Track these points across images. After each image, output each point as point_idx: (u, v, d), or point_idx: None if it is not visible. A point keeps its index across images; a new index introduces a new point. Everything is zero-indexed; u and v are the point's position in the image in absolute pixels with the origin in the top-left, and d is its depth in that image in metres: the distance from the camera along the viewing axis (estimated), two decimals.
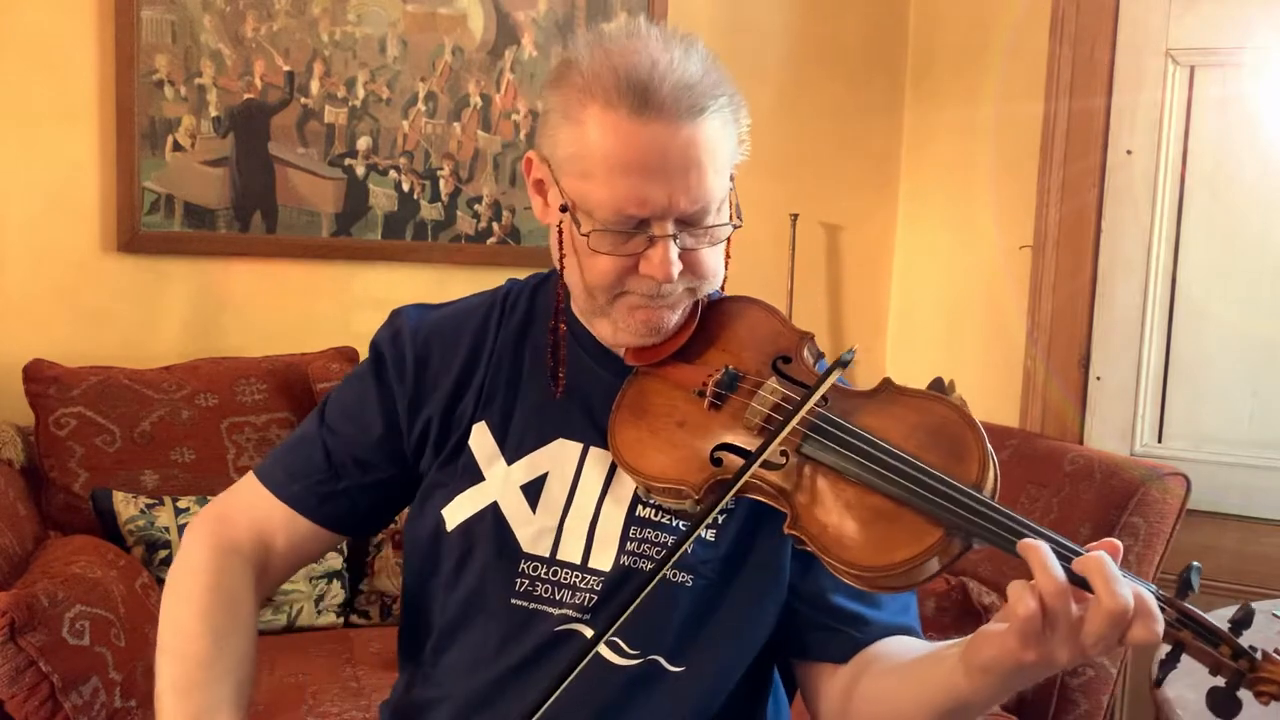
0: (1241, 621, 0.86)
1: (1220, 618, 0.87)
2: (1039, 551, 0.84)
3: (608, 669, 1.08)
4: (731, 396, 1.05)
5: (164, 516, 2.33)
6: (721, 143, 1.03)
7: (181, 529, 2.32)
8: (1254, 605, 0.88)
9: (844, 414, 1.00)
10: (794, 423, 0.99)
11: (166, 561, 2.30)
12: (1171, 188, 2.58)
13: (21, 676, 1.74)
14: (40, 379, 2.43)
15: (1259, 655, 0.84)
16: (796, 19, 3.22)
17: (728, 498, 0.98)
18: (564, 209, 1.05)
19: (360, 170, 2.87)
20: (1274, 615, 1.85)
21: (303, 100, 2.81)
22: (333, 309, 2.88)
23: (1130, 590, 0.82)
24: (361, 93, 2.85)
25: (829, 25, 3.24)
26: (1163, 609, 0.84)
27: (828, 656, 1.11)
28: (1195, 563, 0.87)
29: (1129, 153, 2.60)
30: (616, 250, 1.03)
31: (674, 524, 1.10)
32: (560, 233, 1.08)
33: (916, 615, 1.15)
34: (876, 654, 1.08)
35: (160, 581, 2.24)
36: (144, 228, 2.71)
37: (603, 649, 1.07)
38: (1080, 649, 0.84)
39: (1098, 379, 2.67)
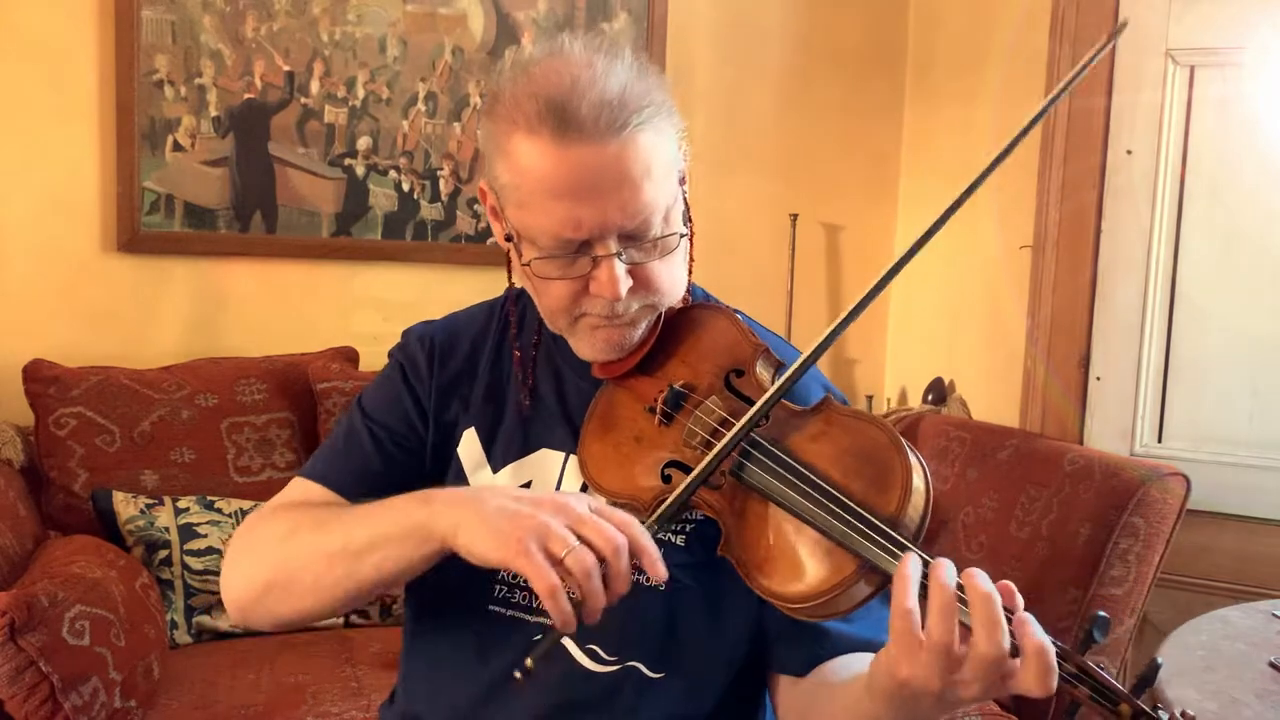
0: (1146, 679, 0.83)
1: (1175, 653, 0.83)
2: (933, 570, 0.84)
3: (587, 676, 1.08)
4: (678, 415, 1.05)
5: (164, 516, 2.33)
6: (655, 153, 1.01)
7: (181, 529, 2.32)
8: (1161, 662, 0.84)
9: (779, 435, 0.99)
10: (718, 453, 0.97)
11: (166, 561, 2.30)
12: (1171, 188, 2.58)
13: (21, 676, 1.74)
14: (40, 379, 2.43)
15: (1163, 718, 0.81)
16: (796, 19, 3.22)
17: (659, 518, 0.96)
18: (508, 239, 1.06)
19: (360, 170, 2.87)
20: (1274, 615, 1.85)
21: (303, 100, 2.81)
22: (333, 309, 2.88)
23: (1008, 637, 0.81)
24: (361, 93, 2.85)
25: (829, 25, 3.24)
26: (1060, 663, 0.82)
27: (787, 669, 1.11)
28: (1102, 613, 0.85)
29: (1129, 153, 2.60)
30: (564, 274, 1.03)
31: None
32: (510, 260, 1.10)
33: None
34: (833, 667, 1.07)
35: (160, 581, 2.26)
36: (144, 228, 2.71)
37: (581, 656, 1.08)
38: (956, 686, 0.83)
39: (1098, 379, 2.67)
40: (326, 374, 2.60)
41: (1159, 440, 2.64)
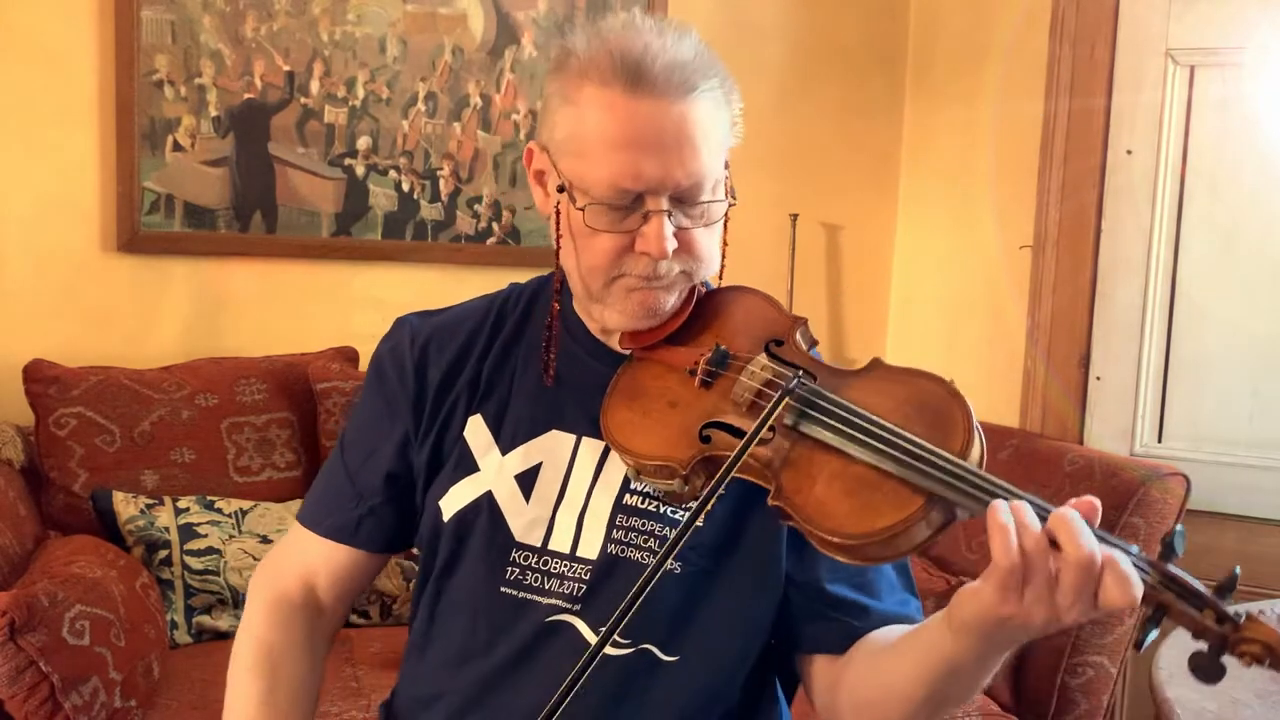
0: (1226, 586, 0.86)
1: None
2: (1019, 510, 0.86)
3: (600, 660, 1.07)
4: (722, 375, 1.06)
5: (164, 516, 2.33)
6: (714, 123, 1.06)
7: (181, 529, 2.32)
8: (1238, 571, 0.87)
9: (832, 390, 1.01)
10: (779, 405, 0.99)
11: (166, 561, 2.30)
12: (1171, 188, 2.58)
13: (21, 676, 1.75)
14: (40, 379, 2.43)
15: (1242, 619, 0.84)
16: (796, 18, 3.22)
17: (720, 479, 0.98)
18: (561, 189, 1.08)
19: (360, 170, 2.87)
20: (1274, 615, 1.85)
21: (303, 100, 2.81)
22: (333, 309, 2.88)
23: (1097, 545, 0.84)
24: (361, 93, 2.85)
25: (829, 25, 3.24)
26: (1146, 572, 0.85)
27: (825, 647, 1.12)
28: (1179, 526, 0.88)
29: (1129, 153, 2.60)
30: (613, 227, 1.05)
31: (661, 511, 1.11)
32: (559, 217, 1.10)
33: (919, 610, 1.15)
34: (871, 638, 1.09)
35: (160, 581, 2.26)
36: (144, 228, 2.71)
37: (594, 639, 1.08)
38: (1055, 607, 0.85)
39: (1098, 379, 2.67)
40: (326, 374, 2.60)
41: (1159, 440, 2.64)
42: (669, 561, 1.07)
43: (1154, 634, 0.86)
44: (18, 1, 2.60)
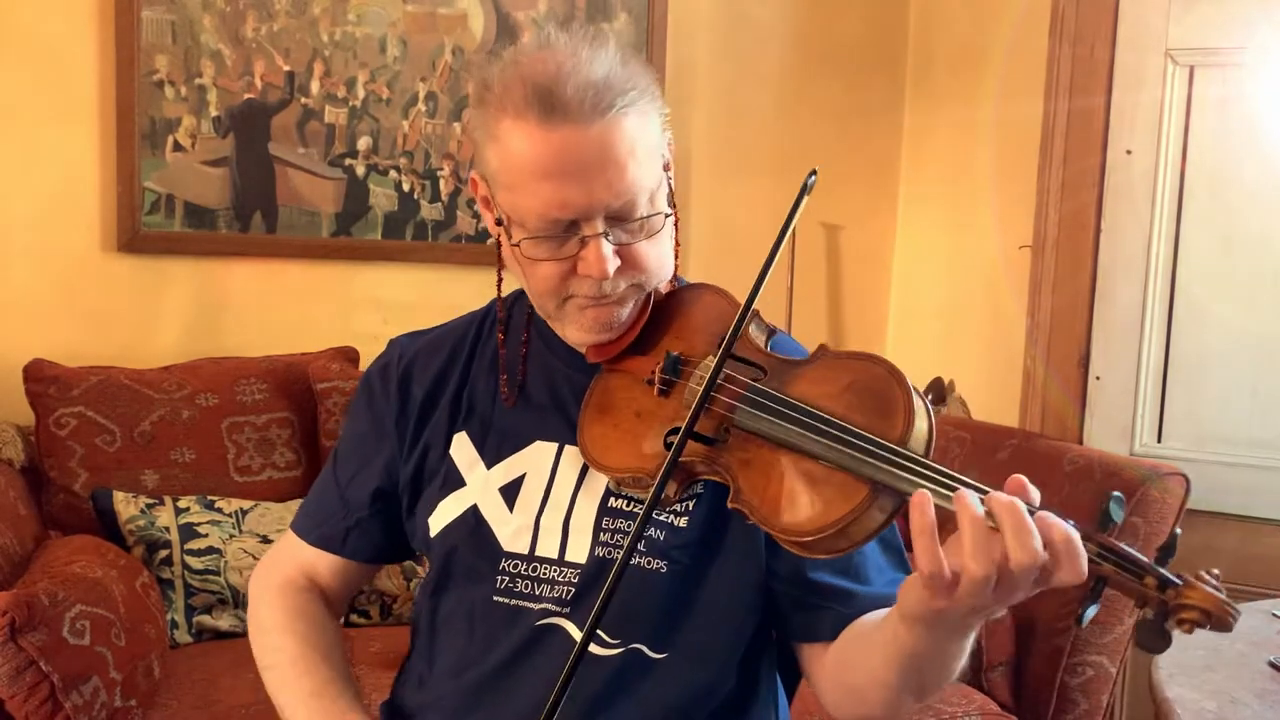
0: (1166, 548, 0.84)
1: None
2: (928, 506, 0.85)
3: (590, 661, 1.09)
4: (677, 381, 1.07)
5: (164, 516, 2.33)
6: (640, 135, 1.04)
7: (182, 529, 2.32)
8: (1179, 532, 0.85)
9: (779, 385, 1.02)
10: (721, 364, 1.00)
11: (167, 561, 2.30)
12: (1171, 188, 2.58)
13: (21, 676, 1.75)
14: (40, 379, 2.43)
15: (1182, 583, 0.82)
16: (796, 19, 3.22)
17: (660, 478, 1.00)
18: (498, 223, 1.09)
19: (360, 170, 2.87)
20: (1274, 615, 1.85)
21: (303, 100, 2.81)
22: (333, 309, 2.88)
23: (1040, 541, 0.82)
24: (361, 93, 2.85)
25: (829, 25, 3.24)
26: (1083, 544, 0.84)
27: (815, 635, 1.13)
28: (1116, 493, 0.87)
29: (1129, 153, 2.60)
30: (552, 255, 1.06)
31: None
32: (502, 246, 1.12)
33: None
34: (858, 623, 1.10)
35: (161, 581, 2.26)
36: (144, 228, 2.71)
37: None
38: (997, 601, 0.85)
39: (1097, 379, 2.67)
40: (327, 374, 2.60)
41: (1159, 440, 2.64)
42: (651, 563, 1.09)
43: (1093, 609, 0.84)
44: (18, 1, 2.60)
